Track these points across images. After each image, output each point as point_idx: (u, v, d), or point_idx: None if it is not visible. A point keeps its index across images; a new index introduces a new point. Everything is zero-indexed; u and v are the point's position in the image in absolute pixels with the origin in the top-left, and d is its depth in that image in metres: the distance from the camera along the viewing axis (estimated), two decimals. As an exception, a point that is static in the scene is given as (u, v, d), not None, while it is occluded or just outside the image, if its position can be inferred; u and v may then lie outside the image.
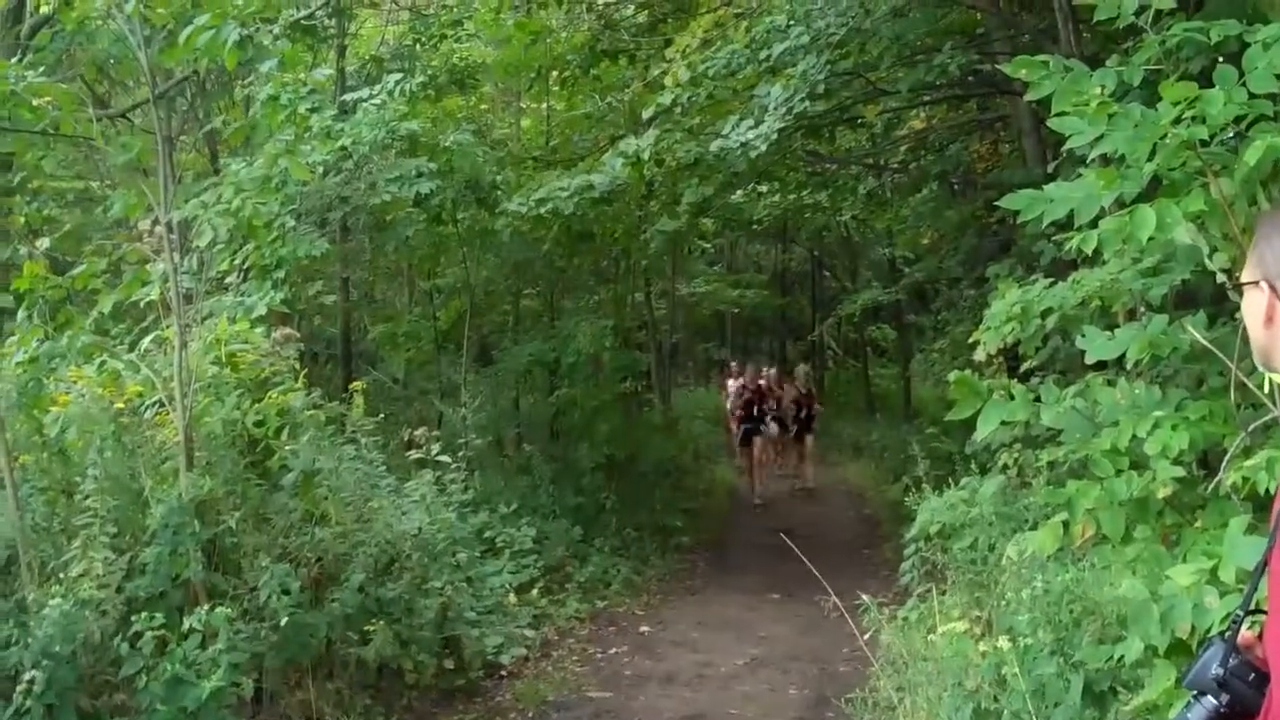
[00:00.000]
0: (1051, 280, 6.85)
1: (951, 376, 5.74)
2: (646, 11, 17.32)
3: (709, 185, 15.46)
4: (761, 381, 21.48)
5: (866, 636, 7.19)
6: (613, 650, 10.18)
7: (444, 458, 9.91)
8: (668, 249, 19.87)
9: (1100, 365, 6.32)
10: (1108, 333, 5.83)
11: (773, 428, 20.60)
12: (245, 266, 10.43)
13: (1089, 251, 5.43)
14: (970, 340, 7.40)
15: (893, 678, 6.81)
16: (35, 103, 7.61)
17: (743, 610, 11.59)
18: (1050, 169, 10.35)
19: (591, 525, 13.62)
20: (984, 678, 5.58)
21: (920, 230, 22.38)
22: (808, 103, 12.16)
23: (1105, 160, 5.59)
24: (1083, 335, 5.94)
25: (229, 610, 6.52)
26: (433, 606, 8.47)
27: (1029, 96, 5.72)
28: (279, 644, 6.97)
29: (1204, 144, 5.03)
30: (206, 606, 6.51)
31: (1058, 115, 5.44)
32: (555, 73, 17.68)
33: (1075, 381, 6.19)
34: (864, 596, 7.24)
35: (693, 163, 14.10)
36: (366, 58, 16.08)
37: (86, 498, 6.82)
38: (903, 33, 12.78)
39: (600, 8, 17.13)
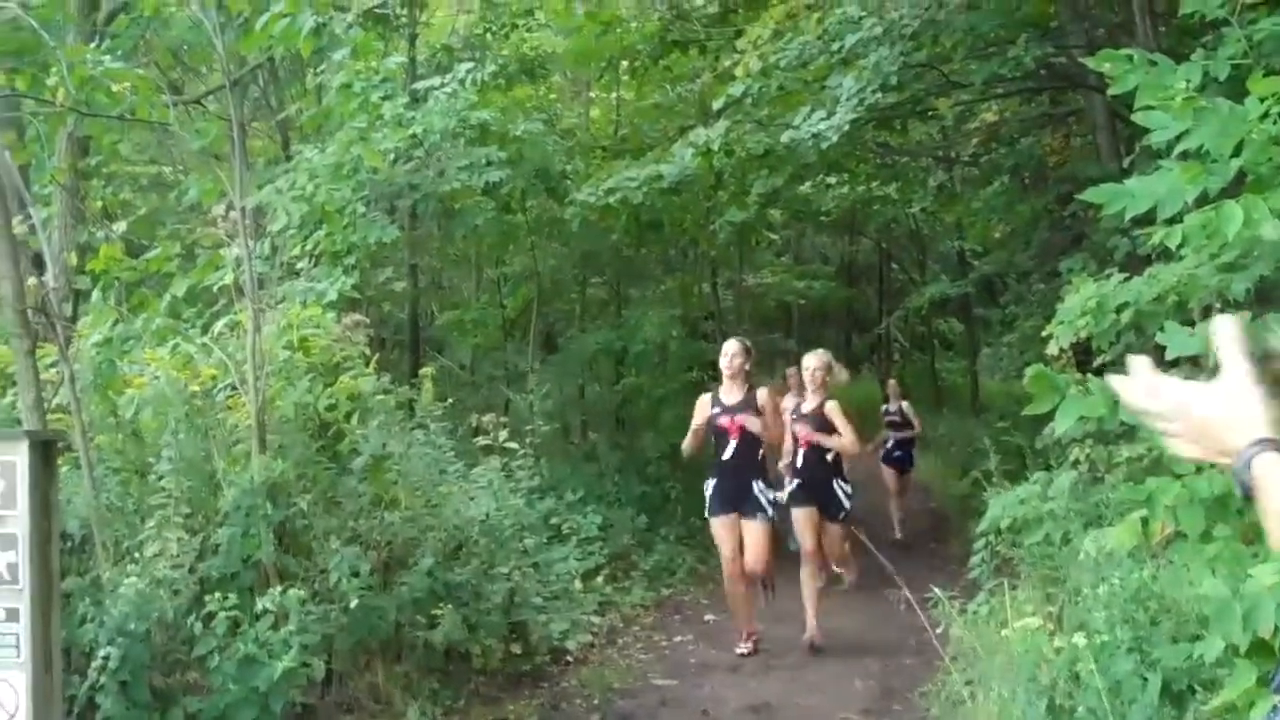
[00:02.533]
0: (1126, 275, 6.79)
1: (1029, 371, 5.68)
2: (717, 1, 17.26)
3: (778, 176, 15.43)
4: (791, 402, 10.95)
5: (939, 630, 7.14)
6: (678, 638, 10.18)
7: (511, 444, 9.94)
8: (735, 239, 19.82)
9: (1174, 362, 6.24)
10: (1188, 328, 5.75)
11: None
12: (316, 252, 10.51)
13: (1173, 247, 5.36)
14: (1043, 334, 7.34)
15: (964, 672, 6.76)
16: (114, 88, 7.66)
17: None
18: (1125, 164, 10.24)
19: (657, 514, 13.64)
20: (1058, 674, 5.52)
21: (991, 224, 22.19)
22: (880, 94, 12.12)
23: (1185, 155, 5.52)
24: (1161, 330, 5.86)
25: (300, 592, 6.58)
26: (500, 591, 8.50)
27: (1113, 91, 5.63)
28: (349, 626, 7.02)
29: (1291, 139, 4.96)
30: (279, 588, 6.57)
31: (1142, 109, 5.36)
32: (625, 62, 17.70)
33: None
34: (935, 590, 7.19)
35: (762, 154, 14.10)
36: (437, 46, 16.15)
37: (160, 479, 6.90)
38: (976, 25, 12.69)
39: (671, -2, 17.11)
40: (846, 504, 9.94)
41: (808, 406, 10.06)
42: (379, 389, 8.51)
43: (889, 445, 15.68)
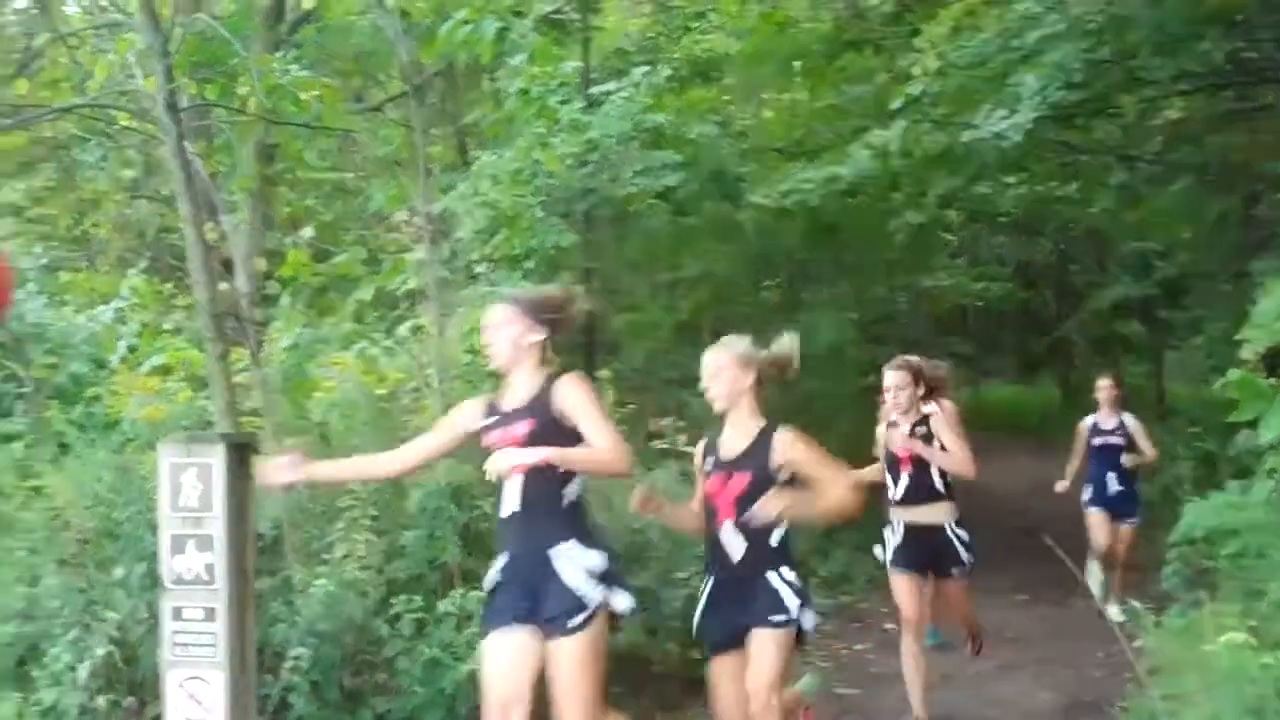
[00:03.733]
0: (1323, 277, 6.52)
1: (1232, 376, 5.47)
2: (893, 0, 17.04)
3: (957, 177, 15.17)
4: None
5: (1137, 644, 6.91)
6: (857, 647, 10.04)
7: (688, 448, 9.90)
8: (912, 241, 19.55)
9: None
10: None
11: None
12: (495, 256, 10.62)
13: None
14: (1237, 338, 7.07)
15: (1161, 687, 6.53)
16: (301, 97, 7.80)
17: (989, 610, 11.21)
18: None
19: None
20: (1267, 691, 5.29)
21: (1176, 224, 21.56)
22: (1063, 92, 11.83)
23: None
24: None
25: (483, 594, 6.61)
26: (679, 597, 8.45)
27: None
28: (531, 630, 7.03)
29: None
30: (462, 590, 6.61)
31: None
32: (799, 63, 17.55)
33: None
34: (1132, 602, 6.96)
35: (940, 154, 13.85)
36: (611, 51, 16.21)
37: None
38: (1163, 20, 12.31)
39: (846, -3, 16.96)
40: (791, 611, 5.52)
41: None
42: (558, 392, 8.55)
43: (1109, 481, 10.97)
